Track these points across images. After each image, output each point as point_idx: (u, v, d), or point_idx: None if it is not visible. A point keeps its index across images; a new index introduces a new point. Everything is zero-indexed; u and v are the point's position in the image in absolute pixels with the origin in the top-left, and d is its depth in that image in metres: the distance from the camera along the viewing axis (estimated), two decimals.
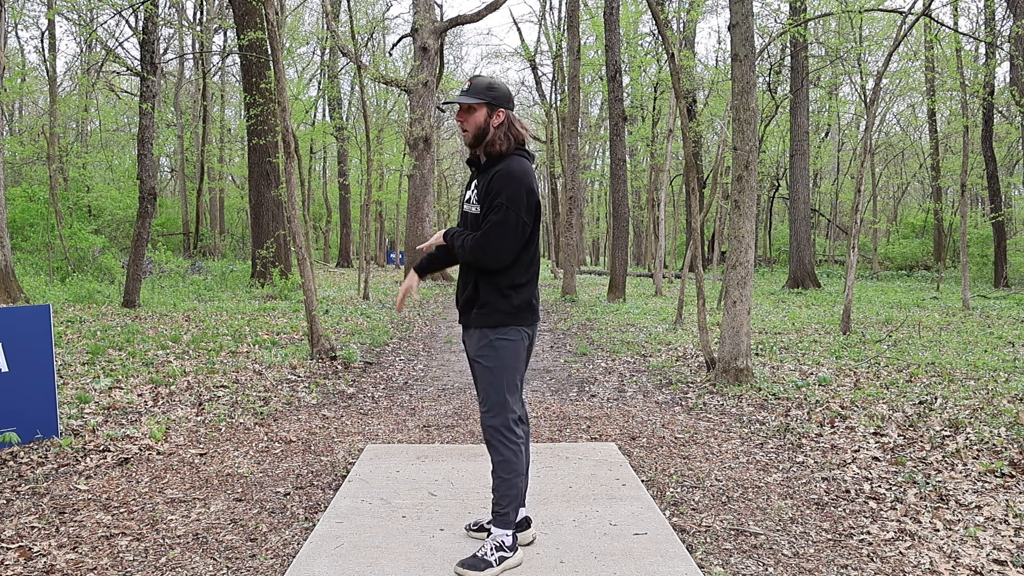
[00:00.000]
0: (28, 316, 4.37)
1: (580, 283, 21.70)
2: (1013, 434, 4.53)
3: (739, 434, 4.81)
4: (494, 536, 2.78)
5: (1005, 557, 2.93)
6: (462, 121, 2.77)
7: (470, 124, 2.76)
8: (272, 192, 15.22)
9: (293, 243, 7.59)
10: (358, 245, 32.45)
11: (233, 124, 32.73)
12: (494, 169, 2.75)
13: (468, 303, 2.82)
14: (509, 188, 2.67)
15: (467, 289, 2.83)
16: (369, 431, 4.90)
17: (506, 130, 2.76)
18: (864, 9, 11.15)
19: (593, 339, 9.42)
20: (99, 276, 15.65)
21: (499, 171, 2.73)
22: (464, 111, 2.78)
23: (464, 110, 2.77)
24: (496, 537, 2.78)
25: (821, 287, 19.09)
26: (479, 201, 2.76)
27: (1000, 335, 9.24)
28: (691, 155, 7.41)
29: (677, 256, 31.15)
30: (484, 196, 2.74)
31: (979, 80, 17.17)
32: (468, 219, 2.83)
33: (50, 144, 16.98)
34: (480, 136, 2.76)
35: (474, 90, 2.75)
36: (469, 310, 2.82)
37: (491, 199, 2.70)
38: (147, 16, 11.66)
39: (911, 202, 39.53)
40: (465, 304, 2.84)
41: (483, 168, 2.81)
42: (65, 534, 3.13)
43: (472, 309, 2.81)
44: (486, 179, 2.75)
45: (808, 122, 19.66)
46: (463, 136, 2.80)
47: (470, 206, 2.81)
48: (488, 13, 18.67)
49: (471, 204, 2.81)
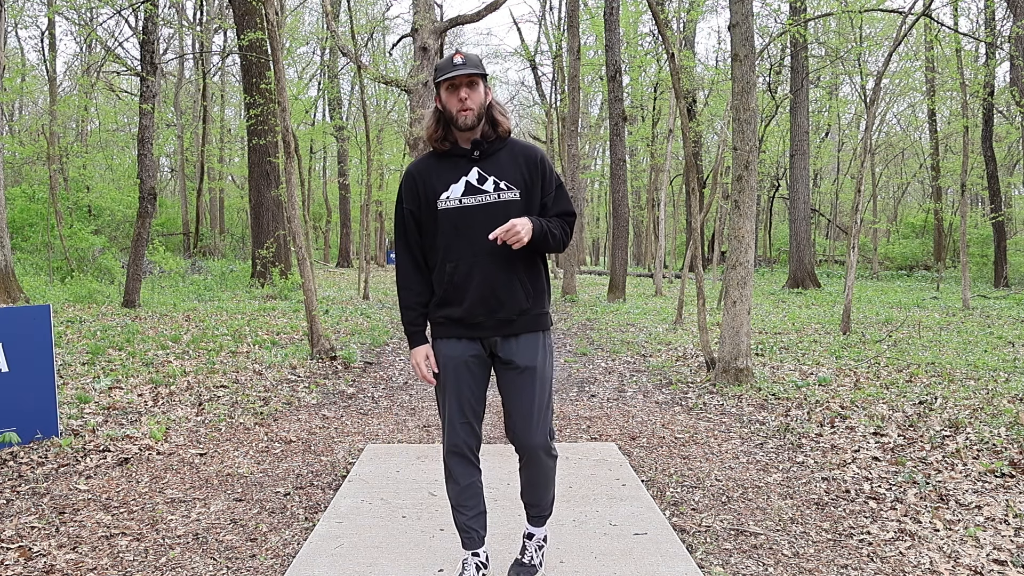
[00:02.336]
0: (28, 316, 4.37)
1: (580, 283, 21.70)
2: (1013, 434, 4.53)
3: (739, 434, 4.81)
4: (537, 537, 2.74)
5: (1005, 557, 2.93)
6: (466, 99, 2.39)
7: (475, 101, 2.41)
8: (272, 192, 15.22)
9: (293, 243, 7.59)
10: (358, 245, 32.45)
11: (233, 124, 32.73)
12: (514, 149, 2.49)
13: (515, 303, 2.45)
14: (551, 167, 2.50)
15: (511, 287, 2.44)
16: (369, 431, 4.90)
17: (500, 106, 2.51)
18: (864, 9, 11.15)
19: (593, 339, 9.41)
20: (99, 276, 15.65)
21: (524, 150, 2.50)
22: (468, 87, 2.41)
23: (468, 85, 2.41)
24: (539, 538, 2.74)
25: (821, 287, 19.09)
26: (512, 185, 2.45)
27: (1000, 335, 9.24)
28: (691, 155, 7.41)
29: (677, 256, 31.15)
30: (520, 179, 2.46)
31: (979, 80, 17.17)
32: (492, 210, 2.43)
33: (50, 144, 16.98)
34: (482, 114, 2.44)
35: (473, 63, 2.40)
36: (518, 313, 2.46)
37: (544, 180, 2.48)
38: (147, 16, 11.66)
39: (911, 202, 39.53)
40: (511, 305, 2.44)
41: (487, 151, 2.47)
42: (65, 534, 3.13)
43: (523, 310, 2.47)
44: (507, 161, 2.47)
45: (808, 122, 19.65)
46: (463, 116, 2.41)
47: (493, 194, 2.43)
48: (488, 13, 18.67)
49: (496, 191, 2.43)
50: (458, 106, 2.41)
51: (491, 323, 2.45)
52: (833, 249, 34.92)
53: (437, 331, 2.52)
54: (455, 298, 2.45)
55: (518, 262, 2.45)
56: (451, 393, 2.49)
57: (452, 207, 2.43)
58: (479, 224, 2.41)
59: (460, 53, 2.40)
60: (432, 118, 2.50)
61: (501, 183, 2.44)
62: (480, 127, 2.45)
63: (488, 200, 2.43)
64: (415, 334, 2.52)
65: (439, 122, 2.48)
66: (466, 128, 2.42)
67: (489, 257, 2.41)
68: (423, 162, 2.51)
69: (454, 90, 2.41)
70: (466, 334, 2.47)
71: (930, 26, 16.39)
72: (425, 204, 2.48)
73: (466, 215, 2.43)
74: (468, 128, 2.42)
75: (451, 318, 2.47)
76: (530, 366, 2.46)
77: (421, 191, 2.48)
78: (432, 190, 2.46)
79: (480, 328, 2.45)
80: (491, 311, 2.43)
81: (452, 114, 2.42)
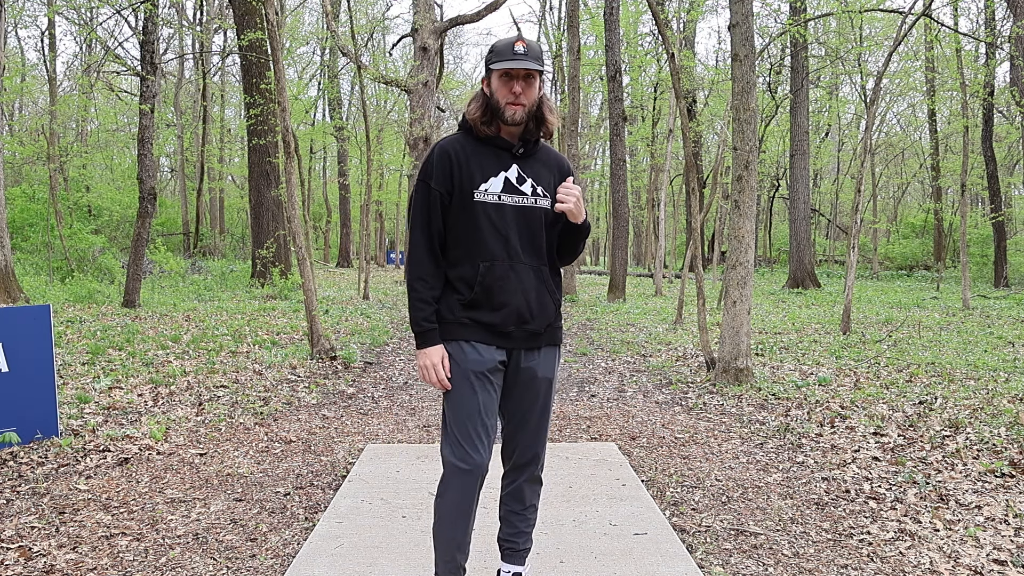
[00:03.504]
0: (28, 316, 4.37)
1: (580, 283, 21.70)
2: (1013, 434, 4.53)
3: (739, 434, 4.81)
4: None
5: (1005, 557, 2.93)
6: (520, 93, 2.19)
7: (528, 98, 2.21)
8: (272, 192, 15.22)
9: (293, 243, 7.59)
10: (358, 245, 32.45)
11: (233, 124, 32.74)
12: (549, 155, 2.36)
13: (545, 316, 2.31)
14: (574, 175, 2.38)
15: (543, 299, 2.30)
16: (369, 431, 4.90)
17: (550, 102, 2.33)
18: (864, 9, 11.15)
19: (593, 339, 9.41)
20: (99, 276, 15.65)
21: (558, 159, 2.37)
22: (525, 80, 2.20)
23: (524, 79, 2.20)
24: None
25: (821, 287, 19.09)
26: (547, 192, 2.31)
27: (1000, 335, 9.24)
28: (691, 155, 7.41)
29: (677, 256, 31.15)
30: (552, 187, 2.33)
31: (979, 80, 17.17)
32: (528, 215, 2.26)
33: (50, 144, 16.99)
34: (532, 111, 2.25)
35: (535, 55, 2.18)
36: (546, 326, 2.33)
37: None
38: (147, 16, 11.66)
39: (911, 202, 39.54)
40: (541, 318, 2.30)
41: (529, 151, 2.30)
42: (65, 534, 3.13)
43: (550, 324, 2.34)
44: (543, 165, 2.33)
45: (808, 122, 19.66)
46: (512, 111, 2.20)
47: (531, 198, 2.27)
48: (488, 13, 18.66)
49: (533, 195, 2.28)
50: (509, 99, 2.20)
51: (521, 334, 2.28)
52: (833, 249, 34.93)
53: (460, 332, 2.24)
54: (486, 302, 2.23)
55: (547, 271, 2.31)
56: (465, 400, 2.22)
57: (490, 202, 2.23)
58: (514, 226, 2.24)
59: (523, 40, 2.19)
60: (478, 102, 2.27)
61: (538, 188, 2.29)
62: (525, 123, 2.27)
63: (526, 203, 2.27)
64: (429, 332, 2.23)
65: (485, 108, 2.25)
66: (512, 124, 2.22)
67: (524, 264, 2.25)
68: (461, 142, 2.26)
69: (508, 80, 2.20)
70: (496, 341, 2.26)
71: (930, 26, 16.39)
72: (459, 190, 2.23)
73: (503, 214, 2.23)
74: (515, 124, 2.22)
75: (480, 322, 2.24)
76: (547, 377, 2.34)
77: (457, 174, 2.23)
78: (470, 177, 2.22)
79: (510, 338, 2.27)
80: (522, 322, 2.26)
81: (500, 105, 2.21)
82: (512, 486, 2.41)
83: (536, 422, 2.35)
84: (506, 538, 2.45)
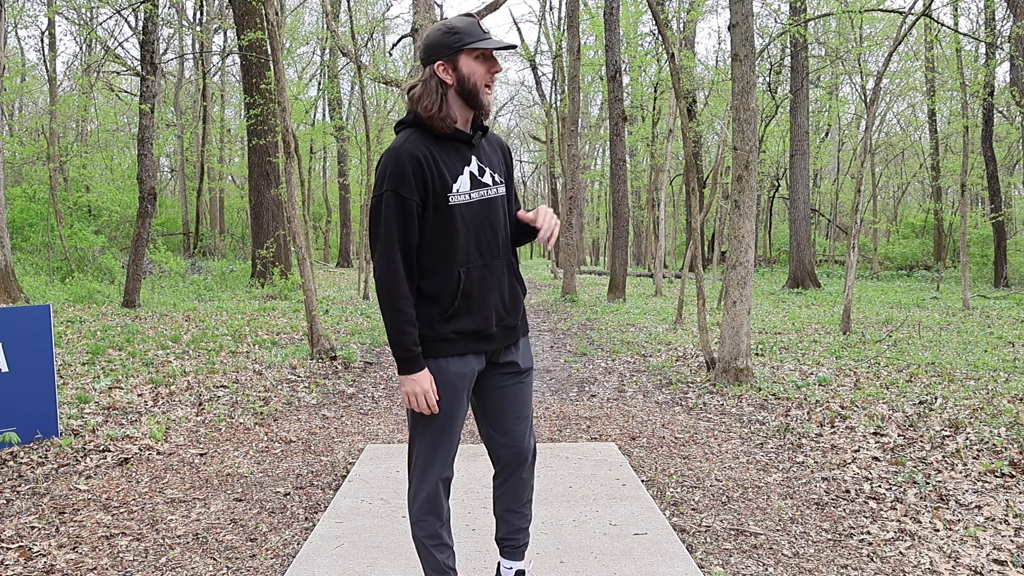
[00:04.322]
0: (28, 316, 4.37)
1: (580, 283, 21.69)
2: (1013, 434, 4.53)
3: (739, 434, 4.81)
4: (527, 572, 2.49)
5: (1005, 557, 2.93)
6: (496, 74, 2.08)
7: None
8: (272, 192, 15.23)
9: (293, 243, 7.59)
10: (358, 245, 32.44)
11: (233, 124, 32.73)
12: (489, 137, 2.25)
13: (517, 308, 2.25)
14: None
15: (514, 291, 2.24)
16: (369, 431, 4.90)
17: None
18: (864, 9, 11.15)
19: (593, 339, 9.41)
20: (99, 276, 15.65)
21: (497, 139, 2.28)
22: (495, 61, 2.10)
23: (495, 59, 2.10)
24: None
25: (821, 287, 19.09)
26: (501, 178, 2.22)
27: (1000, 335, 9.24)
28: (691, 155, 7.41)
29: (677, 256, 31.14)
30: (503, 170, 2.24)
31: (979, 80, 17.17)
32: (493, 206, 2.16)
33: (50, 144, 16.99)
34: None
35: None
36: (520, 317, 2.27)
37: (511, 172, 2.27)
38: (147, 16, 11.66)
39: (911, 202, 39.53)
40: (515, 311, 2.24)
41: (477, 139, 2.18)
42: (65, 534, 3.13)
43: (522, 315, 2.29)
44: (491, 150, 2.23)
45: (808, 122, 19.66)
46: (487, 95, 2.08)
47: (493, 188, 2.16)
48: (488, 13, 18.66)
49: (494, 184, 2.17)
50: (488, 80, 2.05)
51: (500, 333, 2.20)
52: (833, 249, 34.91)
53: (444, 349, 2.12)
54: (466, 309, 2.11)
55: (514, 261, 2.24)
56: (451, 418, 2.15)
57: (463, 202, 2.08)
58: (483, 222, 2.12)
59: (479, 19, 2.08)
60: (433, 95, 2.05)
61: (495, 175, 2.18)
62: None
63: (489, 195, 2.14)
64: (416, 357, 2.06)
65: (442, 101, 2.05)
66: (485, 108, 2.08)
67: (496, 260, 2.16)
68: (423, 144, 2.06)
69: (484, 61, 2.05)
70: (478, 348, 2.16)
71: (930, 26, 16.40)
72: (434, 196, 2.05)
73: (474, 212, 2.11)
74: (486, 109, 2.09)
75: (463, 332, 2.12)
76: (528, 367, 2.29)
77: (431, 180, 2.04)
78: (443, 180, 2.05)
79: (491, 340, 2.17)
80: (500, 320, 2.19)
81: (476, 89, 2.05)
82: (509, 483, 2.35)
83: (525, 414, 2.30)
84: (506, 536, 2.41)
